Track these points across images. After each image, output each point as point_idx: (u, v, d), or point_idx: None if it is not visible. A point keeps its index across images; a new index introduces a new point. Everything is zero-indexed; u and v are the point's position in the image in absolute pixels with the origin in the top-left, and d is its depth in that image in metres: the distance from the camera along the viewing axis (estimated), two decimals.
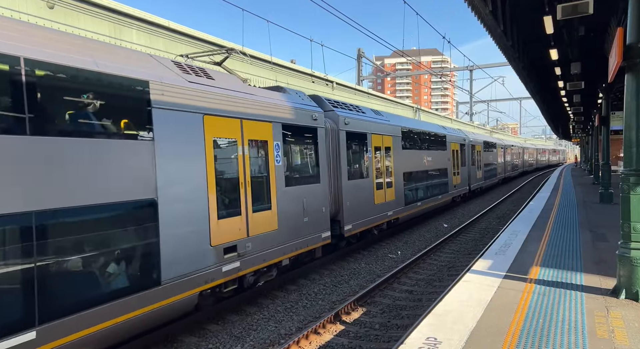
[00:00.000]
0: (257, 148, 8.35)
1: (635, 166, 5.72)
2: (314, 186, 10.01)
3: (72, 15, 10.29)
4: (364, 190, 12.45)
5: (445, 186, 20.02)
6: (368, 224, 12.62)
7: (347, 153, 11.70)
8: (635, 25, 5.65)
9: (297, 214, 9.36)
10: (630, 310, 5.33)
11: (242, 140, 7.88)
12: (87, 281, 5.38)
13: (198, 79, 7.17)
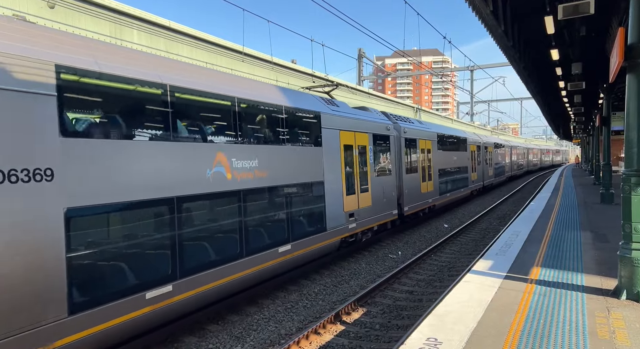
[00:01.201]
0: (361, 151, 12.37)
1: (636, 167, 5.70)
2: (388, 176, 14.04)
3: (72, 15, 10.29)
4: (415, 182, 16.41)
5: (466, 181, 24.04)
6: (417, 208, 16.50)
7: (405, 154, 15.70)
8: (637, 25, 5.64)
9: (380, 196, 13.39)
10: (631, 311, 5.31)
11: (355, 146, 12.03)
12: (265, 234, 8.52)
13: (335, 108, 11.41)
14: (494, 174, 32.60)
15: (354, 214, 11.72)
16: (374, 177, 12.97)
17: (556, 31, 11.06)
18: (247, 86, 8.49)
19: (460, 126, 44.14)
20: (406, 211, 15.32)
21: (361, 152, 12.37)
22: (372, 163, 12.90)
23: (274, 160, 8.77)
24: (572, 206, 15.47)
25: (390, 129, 14.43)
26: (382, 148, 13.73)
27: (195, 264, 6.79)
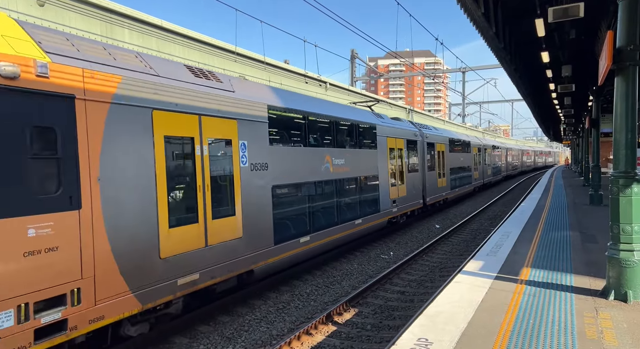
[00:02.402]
0: (399, 153, 15.85)
1: (624, 168, 5.77)
2: (416, 173, 17.54)
3: (62, 13, 10.19)
4: (433, 178, 19.75)
5: (470, 178, 27.64)
6: (435, 199, 19.89)
7: (427, 155, 18.94)
8: (625, 28, 5.71)
9: (412, 188, 16.93)
10: (619, 311, 5.37)
11: (395, 148, 15.51)
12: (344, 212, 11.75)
13: (382, 120, 15.01)
14: (492, 173, 36.08)
15: (395, 201, 15.26)
16: (407, 173, 16.54)
17: (546, 34, 11.17)
18: (339, 109, 12.53)
19: (452, 127, 44.43)
20: (428, 201, 18.83)
21: (399, 154, 15.91)
22: (406, 162, 16.45)
23: (352, 159, 12.33)
24: (561, 207, 15.62)
25: (417, 135, 18.04)
26: (412, 151, 17.32)
27: (318, 226, 10.56)
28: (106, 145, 5.62)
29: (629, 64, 5.70)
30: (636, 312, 5.34)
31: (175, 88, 6.69)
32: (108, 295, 5.56)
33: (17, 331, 4.61)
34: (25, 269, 4.71)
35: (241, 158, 8.02)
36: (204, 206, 7.06)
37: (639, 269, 5.62)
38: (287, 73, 20.30)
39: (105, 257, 5.53)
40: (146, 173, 6.13)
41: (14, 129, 4.72)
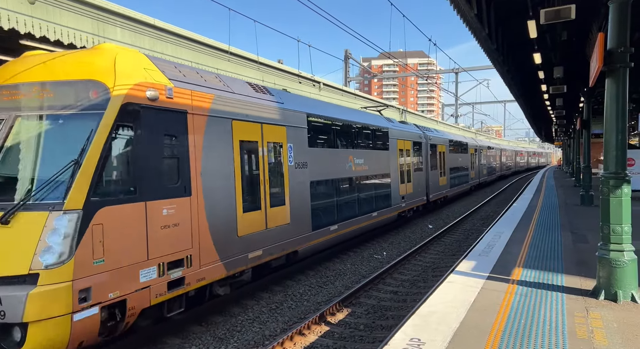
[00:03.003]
0: (407, 153, 17.46)
1: (614, 169, 5.82)
2: (421, 172, 19.12)
3: (53, 11, 10.09)
4: (436, 177, 21.34)
5: (467, 178, 29.15)
6: (437, 197, 21.49)
7: (429, 156, 20.44)
8: (616, 30, 5.76)
9: (417, 186, 18.40)
10: (609, 311, 5.42)
11: (404, 150, 17.14)
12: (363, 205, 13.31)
13: (393, 124, 16.75)
14: (487, 173, 37.87)
15: (404, 197, 16.79)
16: (413, 172, 18.02)
17: (539, 35, 11.24)
18: (357, 115, 14.24)
19: (445, 127, 44.61)
20: (431, 198, 20.34)
21: (407, 155, 17.48)
22: (412, 162, 18.00)
23: (369, 159, 13.83)
24: (553, 208, 15.74)
25: (422, 137, 19.65)
26: (417, 152, 18.83)
27: (343, 216, 12.03)
28: (205, 148, 7.20)
29: (620, 66, 5.75)
30: (626, 312, 5.39)
31: (245, 102, 8.34)
32: (207, 262, 7.16)
33: (159, 282, 6.26)
34: (162, 238, 6.29)
35: (289, 158, 9.65)
36: (264, 196, 8.71)
37: (628, 269, 5.67)
38: (280, 73, 20.26)
39: (205, 233, 7.11)
40: (228, 169, 7.77)
41: (157, 137, 6.33)
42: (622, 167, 5.82)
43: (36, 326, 4.94)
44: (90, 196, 5.41)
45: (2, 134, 5.69)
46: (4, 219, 5.14)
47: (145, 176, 6.12)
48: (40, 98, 5.84)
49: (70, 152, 5.48)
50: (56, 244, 5.10)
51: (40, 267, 5.03)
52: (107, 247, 5.54)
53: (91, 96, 5.77)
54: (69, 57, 6.26)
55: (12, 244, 5.14)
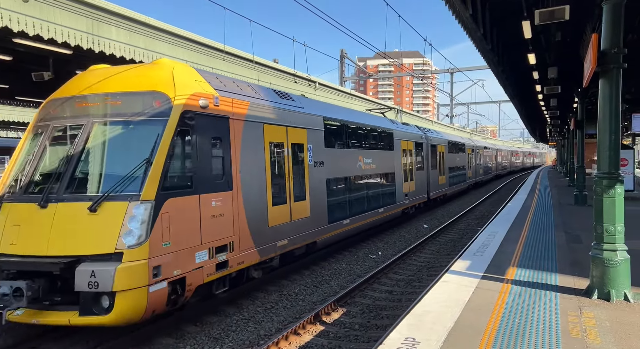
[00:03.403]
0: (409, 153, 18.41)
1: (607, 169, 5.85)
2: (422, 171, 20.00)
3: (47, 9, 10.02)
4: (436, 176, 22.30)
5: (465, 177, 30.26)
6: (437, 195, 22.56)
7: (430, 155, 21.40)
8: (610, 31, 5.79)
9: (419, 184, 19.38)
10: (602, 310, 5.46)
11: (407, 150, 18.10)
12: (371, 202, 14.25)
13: (397, 126, 17.92)
14: (484, 172, 39.05)
15: (407, 195, 17.76)
16: (415, 171, 18.99)
17: (533, 36, 11.29)
18: (365, 117, 15.26)
19: (440, 127, 44.76)
20: (431, 196, 21.41)
21: (410, 155, 18.42)
22: (415, 162, 19.00)
23: (376, 158, 14.80)
24: (547, 207, 15.82)
25: (423, 138, 20.62)
26: (419, 152, 19.80)
27: (354, 212, 12.99)
28: (242, 149, 8.17)
29: (613, 67, 5.78)
30: (619, 311, 5.43)
31: (273, 108, 9.38)
32: (245, 248, 8.16)
33: (209, 263, 7.25)
34: (211, 226, 7.27)
35: (308, 157, 10.65)
36: (289, 191, 9.71)
37: (621, 268, 5.71)
38: (276, 72, 20.23)
39: (243, 223, 8.09)
40: (261, 167, 8.74)
41: (207, 139, 7.36)
42: (615, 168, 5.85)
43: (122, 295, 5.90)
44: (160, 189, 6.40)
45: (83, 137, 6.74)
46: (93, 207, 6.14)
47: (198, 172, 7.15)
48: (113, 106, 6.87)
49: (141, 152, 6.51)
50: (135, 228, 6.11)
51: (124, 247, 6.02)
52: (172, 232, 6.52)
53: (155, 105, 6.80)
54: (133, 71, 7.32)
55: (100, 229, 6.14)
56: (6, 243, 6.35)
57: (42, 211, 6.31)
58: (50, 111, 7.22)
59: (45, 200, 6.37)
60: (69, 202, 6.32)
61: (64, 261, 5.93)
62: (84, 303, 5.98)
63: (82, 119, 6.90)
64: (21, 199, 6.64)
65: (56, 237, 6.14)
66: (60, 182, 6.52)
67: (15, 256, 6.22)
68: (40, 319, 6.06)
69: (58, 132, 7.08)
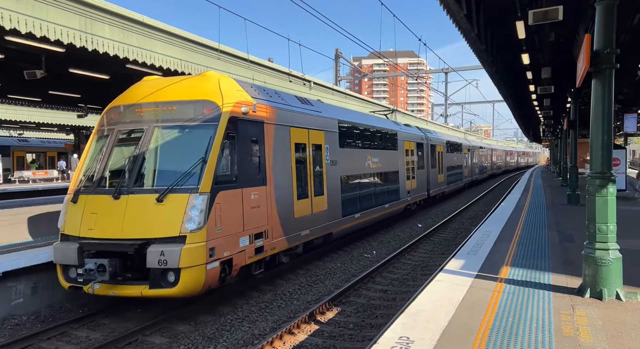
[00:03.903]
0: (411, 153, 19.55)
1: (600, 169, 5.88)
2: (423, 170, 21.18)
3: (39, 7, 9.92)
4: (435, 174, 23.46)
5: (462, 176, 31.25)
6: (437, 192, 23.76)
7: (430, 155, 22.56)
8: (602, 32, 5.83)
9: (420, 182, 20.53)
10: (594, 308, 5.50)
11: (409, 150, 19.27)
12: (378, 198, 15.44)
13: (400, 127, 19.12)
14: (479, 171, 40.31)
15: (409, 192, 18.86)
16: (417, 170, 20.11)
17: (527, 36, 11.34)
18: (371, 119, 16.40)
19: (434, 127, 44.89)
20: (431, 194, 22.60)
21: (412, 154, 19.55)
22: (416, 161, 20.11)
23: (382, 158, 15.97)
24: (540, 207, 15.91)
25: (423, 138, 21.84)
26: (420, 152, 20.91)
27: (363, 207, 14.03)
28: (274, 149, 9.29)
29: (606, 67, 5.81)
30: (610, 309, 5.47)
31: (297, 113, 10.55)
32: (276, 236, 9.29)
33: (249, 248, 8.38)
34: (251, 216, 8.42)
35: (326, 157, 11.77)
36: (310, 187, 10.85)
37: (613, 267, 5.75)
38: (271, 71, 20.18)
39: (274, 214, 9.20)
40: (288, 165, 9.85)
41: (247, 141, 8.47)
42: (607, 167, 5.89)
43: (186, 271, 6.98)
44: (214, 183, 7.49)
45: (146, 139, 7.88)
46: (160, 198, 7.27)
47: (241, 169, 8.28)
48: (169, 113, 8.03)
49: (197, 152, 7.63)
50: (195, 215, 7.19)
51: (187, 231, 7.11)
52: (222, 220, 7.62)
53: (206, 112, 7.91)
54: (185, 82, 8.54)
55: (166, 216, 7.23)
56: (85, 228, 7.46)
57: (115, 201, 7.45)
58: (113, 117, 8.39)
59: (118, 192, 7.51)
60: (139, 194, 7.46)
61: (137, 243, 7.03)
62: (154, 278, 7.03)
63: (143, 124, 8.08)
64: (96, 191, 7.79)
65: (129, 223, 7.26)
66: (130, 178, 7.66)
67: (94, 239, 7.34)
68: (116, 291, 7.20)
69: (123, 135, 8.22)
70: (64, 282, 7.63)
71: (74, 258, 7.23)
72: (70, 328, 7.53)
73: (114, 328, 7.59)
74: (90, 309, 8.35)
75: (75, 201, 7.82)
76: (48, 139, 44.61)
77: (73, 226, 7.64)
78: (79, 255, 7.20)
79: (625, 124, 21.89)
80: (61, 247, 7.46)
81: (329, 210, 11.69)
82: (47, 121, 34.31)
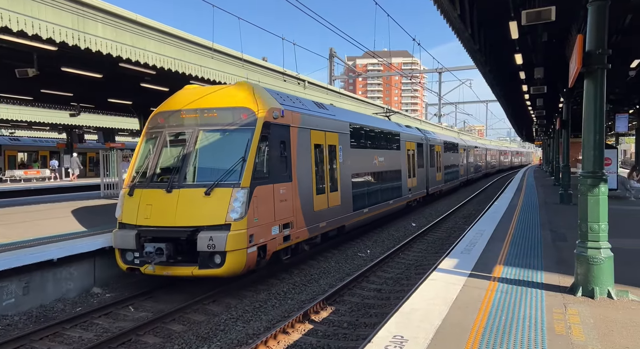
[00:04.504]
0: (412, 153, 20.57)
1: (592, 169, 5.93)
2: (422, 169, 22.09)
3: (31, 5, 9.83)
4: (433, 173, 24.57)
5: (457, 174, 32.54)
6: (435, 190, 24.73)
7: (428, 155, 23.53)
8: (594, 33, 5.88)
9: (419, 180, 21.53)
10: (586, 307, 5.54)
11: (410, 149, 20.32)
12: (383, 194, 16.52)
13: (402, 128, 20.45)
14: (474, 171, 41.57)
15: (410, 189, 19.85)
16: (417, 169, 21.09)
17: (520, 36, 11.40)
18: (377, 121, 17.55)
19: (428, 126, 45.03)
20: (430, 191, 23.56)
21: (413, 154, 20.61)
22: (416, 160, 21.12)
23: (387, 157, 17.07)
24: (533, 206, 16.02)
25: (423, 139, 22.80)
26: (420, 151, 21.93)
27: (371, 202, 15.02)
28: (297, 149, 10.43)
29: (598, 68, 5.86)
30: (602, 308, 5.52)
31: (316, 116, 11.76)
32: (300, 227, 10.43)
33: (279, 236, 9.55)
34: (280, 208, 9.57)
35: (339, 156, 12.81)
36: (327, 183, 11.92)
37: (605, 266, 5.81)
38: (265, 71, 20.13)
39: (298, 207, 10.34)
40: (308, 164, 10.97)
41: (277, 142, 9.67)
42: (599, 167, 5.94)
43: (231, 254, 8.12)
44: (252, 179, 8.61)
45: (192, 141, 9.06)
46: (208, 191, 8.41)
47: (272, 167, 9.41)
48: (211, 118, 9.18)
49: (237, 152, 8.78)
50: (238, 207, 8.34)
51: (231, 220, 8.26)
52: (258, 211, 8.77)
53: (243, 117, 9.07)
54: (223, 91, 9.77)
55: (213, 207, 8.37)
56: (142, 217, 8.60)
57: (168, 194, 8.60)
58: (160, 121, 9.58)
59: (170, 187, 8.65)
60: (188, 189, 8.60)
61: (189, 230, 8.13)
62: (203, 260, 8.16)
63: (188, 127, 9.26)
64: (150, 186, 8.94)
65: (181, 213, 8.38)
66: (179, 174, 8.81)
67: (151, 227, 8.46)
68: (170, 271, 8.35)
69: (170, 137, 9.41)
70: (122, 264, 8.79)
71: (132, 243, 8.41)
72: (63, 328, 7.48)
73: (107, 328, 7.55)
74: (114, 298, 8.35)
75: (131, 194, 8.95)
76: (40, 138, 44.26)
77: (130, 216, 8.77)
78: (137, 240, 8.40)
79: (617, 124, 22.08)
80: (120, 234, 8.64)
81: (342, 205, 12.75)
82: (39, 120, 34.05)
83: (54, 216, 13.43)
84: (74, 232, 10.58)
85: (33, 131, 46.10)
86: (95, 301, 8.93)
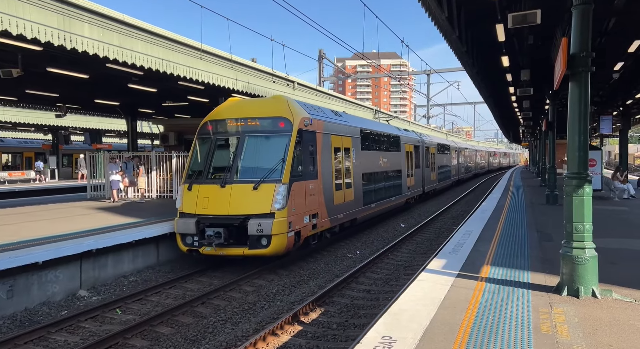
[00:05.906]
0: (410, 154, 22.28)
1: (576, 170, 6.03)
2: (418, 169, 23.92)
3: (15, 4, 9.68)
4: (429, 173, 26.33)
5: (449, 174, 34.08)
6: (430, 189, 26.46)
7: (424, 156, 25.39)
8: (579, 36, 5.97)
9: (416, 179, 23.19)
10: (571, 306, 5.62)
11: (408, 151, 22.04)
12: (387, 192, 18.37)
13: (401, 132, 22.77)
14: (465, 171, 43.66)
15: (409, 188, 21.61)
16: (414, 169, 22.90)
17: (506, 39, 11.55)
18: (381, 125, 19.97)
19: (417, 128, 45.30)
20: (426, 190, 25.27)
21: (411, 155, 22.43)
22: (414, 161, 22.87)
23: (390, 158, 18.83)
24: (520, 207, 16.21)
25: (419, 141, 24.65)
26: (417, 153, 23.75)
27: (377, 198, 16.69)
28: (322, 152, 12.23)
29: (582, 70, 5.96)
30: (587, 307, 5.61)
31: (335, 123, 13.54)
32: (323, 217, 12.15)
33: (309, 224, 11.31)
34: (310, 201, 11.37)
35: (353, 157, 14.64)
36: (343, 181, 13.59)
37: (589, 266, 5.90)
38: (254, 72, 20.07)
39: (322, 201, 12.10)
40: (330, 164, 12.71)
41: (307, 146, 11.47)
42: (584, 168, 6.03)
43: (275, 237, 9.92)
44: (290, 176, 10.45)
45: (240, 145, 10.95)
46: (255, 186, 10.24)
47: (304, 167, 11.21)
48: (254, 126, 11.11)
49: (278, 154, 10.62)
50: (280, 199, 10.15)
51: (275, 210, 10.07)
52: (295, 202, 10.56)
53: (280, 125, 10.95)
54: (262, 102, 12.73)
55: (260, 199, 10.15)
56: (200, 207, 10.34)
57: (222, 189, 10.39)
58: (208, 128, 11.42)
59: (224, 182, 10.46)
60: (239, 184, 10.40)
61: (241, 218, 10.02)
62: (252, 242, 9.98)
63: (235, 133, 11.19)
64: (206, 182, 10.78)
65: (233, 204, 10.14)
66: (231, 172, 10.64)
67: (208, 215, 10.23)
68: (224, 252, 10.10)
69: (220, 142, 11.34)
70: (182, 246, 10.56)
71: (193, 228, 10.18)
72: (48, 332, 7.36)
73: (94, 332, 7.45)
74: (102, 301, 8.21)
75: (190, 188, 10.74)
76: (25, 139, 43.54)
77: (190, 206, 10.49)
78: (196, 226, 10.16)
79: (601, 126, 22.43)
80: (182, 221, 10.44)
81: (354, 200, 14.51)
82: (24, 121, 33.47)
83: (41, 218, 13.23)
84: (60, 235, 10.44)
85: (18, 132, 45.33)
86: (82, 304, 8.82)
